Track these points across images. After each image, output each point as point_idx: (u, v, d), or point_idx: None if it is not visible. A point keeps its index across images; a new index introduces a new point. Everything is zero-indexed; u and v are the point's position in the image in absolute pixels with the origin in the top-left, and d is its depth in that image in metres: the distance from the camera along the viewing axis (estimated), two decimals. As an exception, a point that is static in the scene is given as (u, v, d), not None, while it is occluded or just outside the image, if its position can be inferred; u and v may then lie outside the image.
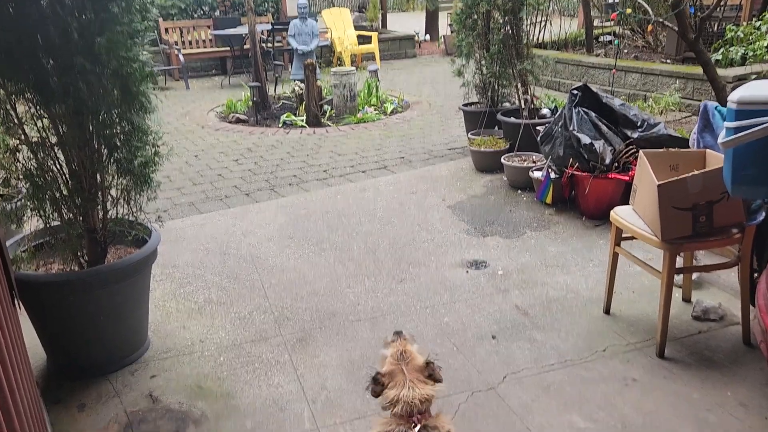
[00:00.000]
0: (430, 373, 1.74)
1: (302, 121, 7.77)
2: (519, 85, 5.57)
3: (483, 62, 5.91)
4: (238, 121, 8.10)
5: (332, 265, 3.89)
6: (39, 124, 2.28)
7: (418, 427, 1.65)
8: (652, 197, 2.64)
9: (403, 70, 12.07)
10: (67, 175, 2.44)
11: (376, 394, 1.73)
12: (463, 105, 6.37)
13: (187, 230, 4.45)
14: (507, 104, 6.12)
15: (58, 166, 2.43)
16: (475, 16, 5.75)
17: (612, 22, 10.52)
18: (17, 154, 2.31)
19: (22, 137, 2.30)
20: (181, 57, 10.67)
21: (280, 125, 7.77)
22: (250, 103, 8.34)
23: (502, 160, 5.18)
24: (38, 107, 2.24)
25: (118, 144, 2.36)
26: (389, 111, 8.36)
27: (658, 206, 2.59)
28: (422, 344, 2.17)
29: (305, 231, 4.40)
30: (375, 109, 8.34)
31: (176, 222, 4.61)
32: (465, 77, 6.04)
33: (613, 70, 7.00)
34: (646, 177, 2.75)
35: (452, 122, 7.58)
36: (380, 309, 3.34)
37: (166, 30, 11.45)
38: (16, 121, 2.26)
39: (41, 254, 2.77)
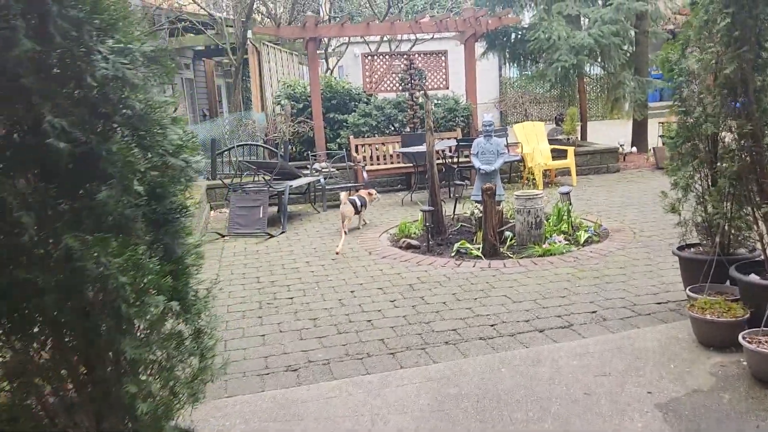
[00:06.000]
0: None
1: (478, 250, 6.85)
2: (765, 232, 4.07)
3: (707, 197, 4.52)
4: (409, 246, 7.44)
5: (478, 493, 2.76)
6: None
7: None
8: None
9: (602, 187, 10.69)
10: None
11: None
12: (678, 248, 4.94)
13: (309, 405, 3.64)
14: (743, 251, 4.58)
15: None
16: (696, 140, 4.46)
17: None
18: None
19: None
20: (365, 174, 10.59)
21: (452, 254, 6.93)
22: (424, 227, 7.68)
23: (741, 338, 3.67)
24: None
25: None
26: (582, 241, 7.08)
27: None
28: None
29: (451, 424, 3.34)
30: (565, 238, 7.13)
31: (302, 390, 3.84)
32: (682, 215, 4.68)
33: None
34: None
35: (664, 261, 6.07)
36: None
37: (356, 148, 11.58)
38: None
39: None
